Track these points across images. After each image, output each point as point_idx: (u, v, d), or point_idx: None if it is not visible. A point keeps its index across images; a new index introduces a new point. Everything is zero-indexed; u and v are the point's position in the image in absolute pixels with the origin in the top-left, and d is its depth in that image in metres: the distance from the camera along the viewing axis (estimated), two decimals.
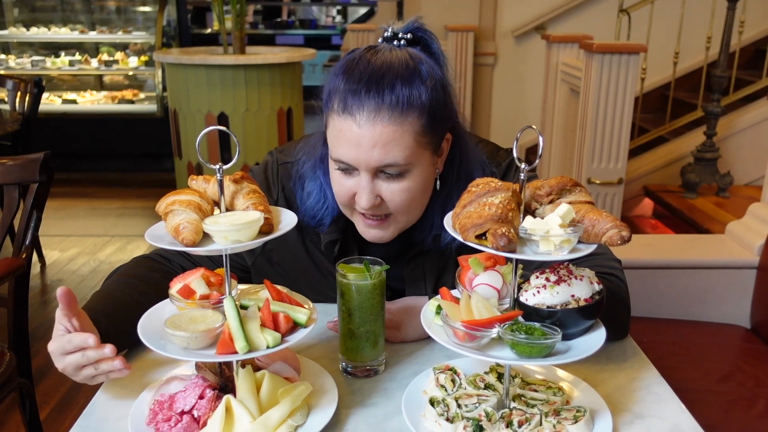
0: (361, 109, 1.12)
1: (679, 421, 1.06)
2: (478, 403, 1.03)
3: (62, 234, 4.69)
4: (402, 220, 1.25)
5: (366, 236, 1.27)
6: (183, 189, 1.03)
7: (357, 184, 1.19)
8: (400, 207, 1.21)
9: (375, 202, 1.18)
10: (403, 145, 1.14)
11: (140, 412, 1.04)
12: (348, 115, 1.13)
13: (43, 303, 3.72)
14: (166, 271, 1.31)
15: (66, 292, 1.03)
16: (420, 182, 1.20)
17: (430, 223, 1.30)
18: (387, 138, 1.13)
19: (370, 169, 1.16)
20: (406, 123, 1.13)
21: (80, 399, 2.72)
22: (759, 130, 4.22)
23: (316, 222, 1.33)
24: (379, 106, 1.12)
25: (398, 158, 1.14)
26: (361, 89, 1.12)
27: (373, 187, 1.18)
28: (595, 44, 3.32)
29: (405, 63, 1.15)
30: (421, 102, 1.14)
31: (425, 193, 1.25)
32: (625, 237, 0.93)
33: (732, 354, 2.15)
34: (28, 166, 2.00)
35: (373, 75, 1.13)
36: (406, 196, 1.19)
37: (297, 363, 1.13)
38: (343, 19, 8.59)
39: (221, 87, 3.93)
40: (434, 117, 1.17)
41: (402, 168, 1.16)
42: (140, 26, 6.52)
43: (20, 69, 6.20)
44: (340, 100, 1.15)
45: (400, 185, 1.18)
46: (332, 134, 1.18)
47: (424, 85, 1.14)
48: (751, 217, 2.49)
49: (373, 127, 1.12)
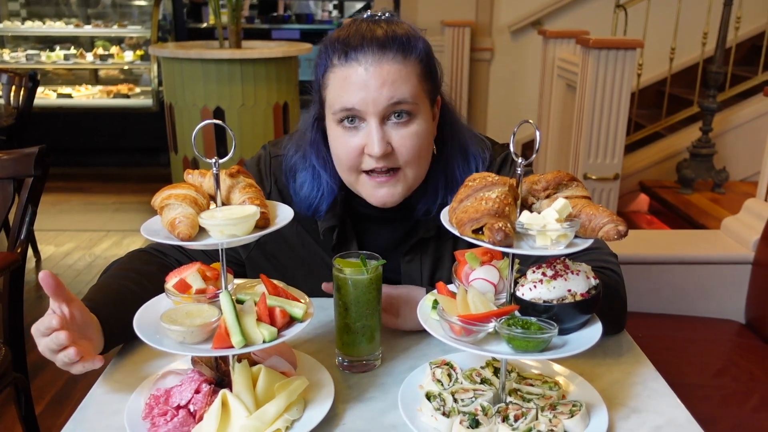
0: (366, 53, 1.17)
1: (674, 416, 1.07)
2: (474, 397, 1.03)
3: (57, 229, 4.67)
4: (410, 175, 1.25)
5: (374, 198, 1.27)
6: (179, 183, 1.03)
7: (365, 137, 1.20)
8: (409, 155, 1.22)
9: (387, 148, 1.20)
10: (410, 83, 1.19)
11: (136, 407, 1.03)
12: (353, 61, 1.18)
13: (38, 298, 3.70)
14: (163, 264, 1.31)
15: (46, 275, 0.98)
16: (425, 130, 1.23)
17: (433, 189, 1.32)
18: (394, 75, 1.17)
19: (379, 113, 1.18)
20: (409, 63, 1.19)
21: (76, 394, 2.71)
22: (755, 126, 4.23)
23: (312, 210, 1.34)
24: (383, 49, 1.17)
25: (406, 95, 1.18)
26: (362, 40, 1.18)
27: (383, 133, 1.20)
28: (592, 40, 3.32)
29: (393, 25, 1.22)
30: (419, 47, 1.21)
31: (429, 148, 1.28)
32: (621, 232, 0.93)
33: (727, 349, 2.15)
34: (23, 161, 1.98)
35: (369, 30, 1.20)
36: (415, 142, 1.22)
37: (293, 357, 1.13)
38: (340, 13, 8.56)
39: (217, 81, 3.91)
40: (430, 67, 1.24)
41: (410, 107, 1.20)
42: (136, 20, 6.49)
43: (15, 63, 6.17)
44: (340, 51, 1.19)
45: (409, 130, 1.21)
46: (336, 85, 1.21)
47: (418, 37, 1.22)
48: (747, 213, 2.50)
49: (380, 67, 1.17)
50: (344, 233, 1.36)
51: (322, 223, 1.34)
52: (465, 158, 1.34)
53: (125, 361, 1.22)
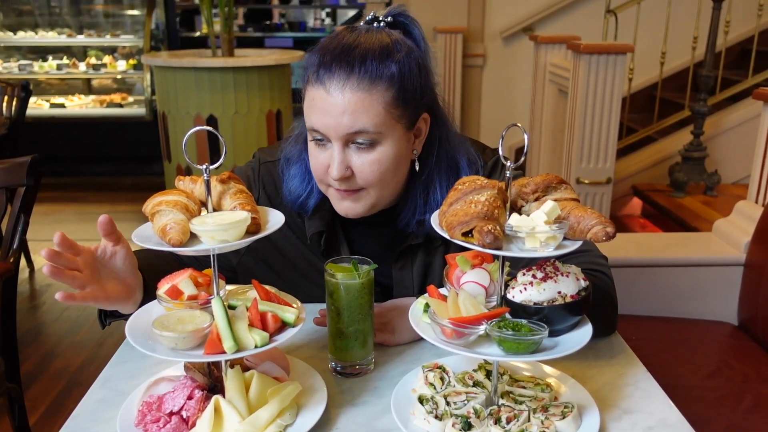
0: (332, 78, 1.16)
1: (666, 416, 1.07)
2: (466, 400, 1.03)
3: (51, 239, 4.64)
4: (374, 194, 1.25)
5: (339, 210, 1.28)
6: (170, 189, 1.03)
7: (330, 157, 1.21)
8: (370, 180, 1.22)
9: (345, 173, 1.20)
10: (373, 113, 1.17)
11: (129, 414, 1.03)
12: (320, 84, 1.17)
13: (31, 308, 3.69)
14: (165, 257, 1.32)
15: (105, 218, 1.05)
16: (391, 156, 1.22)
17: (413, 205, 1.32)
18: (355, 105, 1.16)
19: (340, 138, 1.18)
20: (375, 92, 1.17)
21: (70, 404, 2.70)
22: (745, 129, 4.25)
23: (299, 205, 1.35)
24: (349, 75, 1.16)
25: (367, 125, 1.17)
26: (333, 60, 1.17)
27: (344, 157, 1.20)
28: (583, 45, 3.34)
29: (379, 39, 1.20)
30: (390, 73, 1.17)
31: (398, 170, 1.25)
32: (609, 233, 0.94)
33: (719, 350, 2.16)
34: (15, 170, 1.98)
35: (346, 47, 1.18)
36: (376, 168, 1.21)
37: (286, 363, 1.13)
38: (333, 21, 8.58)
39: (210, 90, 3.92)
40: (406, 91, 1.20)
41: (372, 136, 1.18)
42: (128, 30, 6.49)
43: (7, 73, 6.16)
44: (314, 71, 1.19)
45: (370, 156, 1.20)
46: (306, 104, 1.22)
47: (394, 59, 1.18)
48: (738, 215, 2.51)
49: (342, 94, 1.16)
50: (335, 239, 1.37)
51: (309, 227, 1.35)
52: (456, 173, 1.32)
53: (118, 368, 1.22)
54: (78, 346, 3.20)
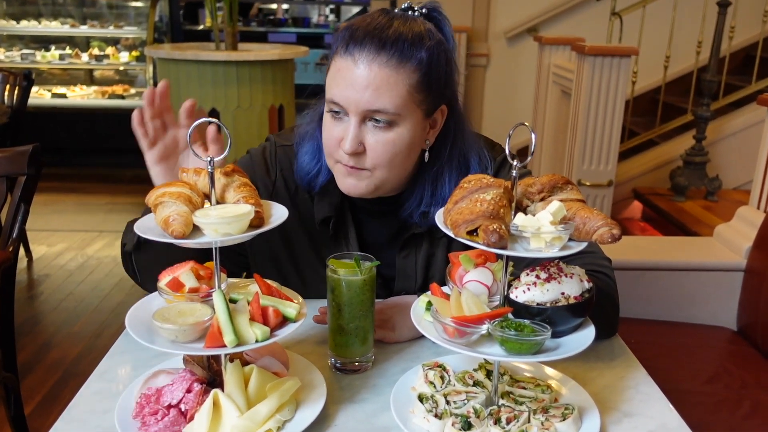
0: (362, 51, 1.16)
1: (666, 420, 1.07)
2: (466, 399, 1.03)
3: (50, 229, 4.65)
4: (379, 175, 1.24)
5: (342, 186, 1.28)
6: (173, 181, 1.02)
7: (344, 131, 1.20)
8: (380, 159, 1.21)
9: (358, 148, 1.20)
10: (396, 93, 1.17)
11: (126, 406, 1.03)
12: (348, 55, 1.17)
13: (29, 298, 3.69)
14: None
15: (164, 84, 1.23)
16: (406, 140, 1.22)
17: (419, 195, 1.31)
18: (381, 81, 1.16)
19: (359, 112, 1.18)
20: (402, 72, 1.17)
21: (66, 395, 2.69)
22: (748, 134, 4.25)
23: (308, 180, 1.35)
24: (379, 51, 1.16)
25: (387, 105, 1.17)
26: (365, 35, 1.17)
27: (359, 132, 1.19)
28: (587, 46, 3.34)
29: (413, 25, 1.20)
30: (420, 57, 1.18)
31: (408, 155, 1.25)
32: (615, 235, 0.93)
33: (718, 355, 2.16)
34: (17, 159, 1.98)
35: (380, 26, 1.18)
36: (389, 149, 1.21)
37: (286, 358, 1.13)
38: (336, 18, 8.57)
39: (213, 83, 3.91)
40: (431, 78, 1.21)
41: (390, 117, 1.18)
42: (132, 21, 6.48)
43: (9, 62, 6.14)
44: (343, 44, 1.19)
45: (385, 136, 1.20)
46: (330, 75, 1.22)
47: (425, 46, 1.19)
48: (740, 221, 2.51)
49: (369, 68, 1.16)
50: (343, 223, 1.37)
51: (318, 212, 1.35)
52: (466, 170, 1.32)
53: (115, 360, 1.22)
54: (75, 336, 3.20)
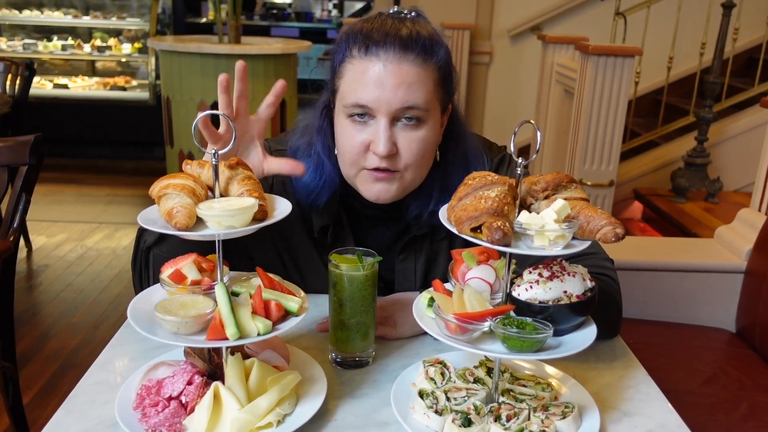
0: (388, 52, 1.16)
1: (665, 420, 1.07)
2: (467, 396, 1.03)
3: (50, 219, 4.65)
4: (408, 177, 1.24)
5: (370, 193, 1.26)
6: (177, 173, 1.02)
7: (372, 134, 1.19)
8: (412, 159, 1.21)
9: (392, 149, 1.19)
10: (426, 89, 1.18)
11: (127, 397, 1.03)
12: (373, 56, 1.16)
13: (29, 288, 3.69)
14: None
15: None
16: (432, 137, 1.23)
17: (427, 194, 1.31)
18: (412, 78, 1.16)
19: (390, 113, 1.17)
20: (428, 68, 1.18)
21: (64, 385, 2.70)
22: (749, 137, 4.25)
23: (311, 199, 1.32)
24: (405, 50, 1.16)
25: (420, 101, 1.17)
26: (385, 36, 1.16)
27: (391, 133, 1.19)
28: (591, 46, 3.33)
29: (426, 26, 1.21)
30: (440, 54, 1.20)
31: (431, 153, 1.27)
32: (619, 234, 0.93)
33: (717, 357, 2.16)
34: (18, 149, 1.97)
35: (394, 26, 1.18)
36: (421, 147, 1.21)
37: (286, 352, 1.13)
38: (339, 13, 8.56)
39: (215, 76, 3.86)
40: (447, 74, 1.23)
41: (420, 113, 1.19)
42: (134, 13, 6.46)
43: (11, 52, 6.13)
44: (361, 44, 1.18)
45: (417, 134, 1.20)
46: (352, 78, 1.20)
47: (441, 45, 1.21)
48: (740, 223, 2.51)
49: (399, 66, 1.15)
50: (341, 231, 1.36)
51: (316, 220, 1.34)
52: (466, 169, 1.32)
53: (116, 351, 1.21)
54: (74, 327, 3.20)
